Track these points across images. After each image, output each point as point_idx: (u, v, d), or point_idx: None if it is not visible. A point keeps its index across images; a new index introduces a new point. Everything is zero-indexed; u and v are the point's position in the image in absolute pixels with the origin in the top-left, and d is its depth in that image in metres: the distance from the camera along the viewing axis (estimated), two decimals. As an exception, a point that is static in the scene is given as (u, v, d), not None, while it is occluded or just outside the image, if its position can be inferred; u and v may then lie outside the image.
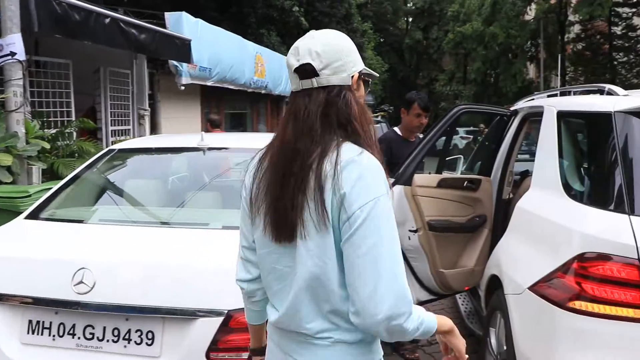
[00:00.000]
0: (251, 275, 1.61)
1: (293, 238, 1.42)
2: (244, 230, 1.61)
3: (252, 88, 13.95)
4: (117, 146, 3.77)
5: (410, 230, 3.82)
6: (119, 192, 3.46)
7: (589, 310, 2.27)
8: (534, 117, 4.17)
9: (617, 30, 31.58)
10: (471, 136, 23.80)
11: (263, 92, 15.05)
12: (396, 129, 4.53)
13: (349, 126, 1.45)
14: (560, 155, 2.92)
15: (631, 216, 2.27)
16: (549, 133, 3.15)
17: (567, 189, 2.74)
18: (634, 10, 30.66)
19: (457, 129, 31.11)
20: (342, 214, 1.36)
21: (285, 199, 1.42)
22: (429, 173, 4.11)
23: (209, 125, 7.54)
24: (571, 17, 31.56)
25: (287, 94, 16.54)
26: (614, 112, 2.57)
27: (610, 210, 2.37)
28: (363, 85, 1.54)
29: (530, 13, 32.11)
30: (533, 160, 3.28)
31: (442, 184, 3.90)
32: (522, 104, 4.51)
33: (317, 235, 1.39)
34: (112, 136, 8.39)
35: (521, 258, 2.90)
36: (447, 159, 5.14)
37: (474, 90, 37.25)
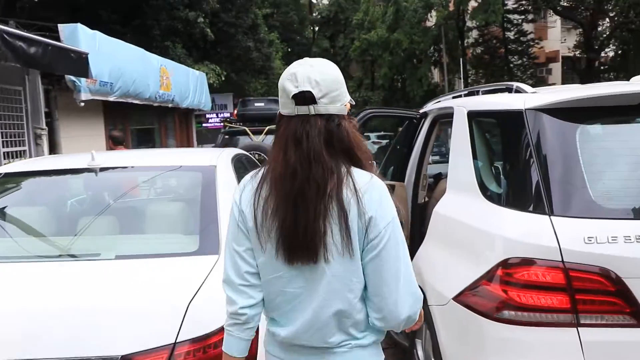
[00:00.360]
0: (254, 300, 1.60)
1: (316, 261, 1.50)
2: (244, 257, 1.60)
3: (159, 102, 13.39)
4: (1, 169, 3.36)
5: None
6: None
7: (517, 319, 2.17)
8: (444, 119, 4.12)
9: (511, 35, 33.41)
10: (383, 141, 24.18)
11: (170, 106, 14.50)
12: None
13: (353, 153, 1.56)
14: (475, 157, 2.85)
15: (552, 217, 2.19)
16: (460, 134, 3.08)
17: (484, 190, 2.66)
18: (522, 17, 32.67)
19: (368, 134, 31.86)
20: (369, 234, 1.50)
21: (303, 225, 1.48)
22: None
23: (112, 142, 7.11)
24: (469, 23, 32.93)
25: (195, 107, 16.11)
26: (525, 109, 2.50)
27: (530, 211, 2.29)
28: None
29: (432, 19, 33.14)
30: (445, 162, 3.21)
31: None
32: (431, 106, 4.47)
33: (343, 258, 1.50)
34: (4, 158, 7.72)
35: (443, 266, 2.79)
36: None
37: (382, 95, 37.94)
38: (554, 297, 2.13)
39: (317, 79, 1.53)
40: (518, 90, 3.07)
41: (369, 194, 1.51)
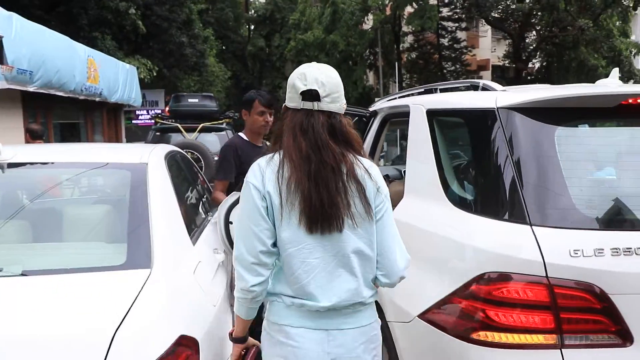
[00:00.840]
0: (263, 277, 1.83)
1: (341, 230, 1.80)
2: (261, 236, 1.81)
3: (85, 95, 12.62)
4: None
5: None
6: None
7: (495, 341, 1.93)
8: (396, 118, 3.88)
9: (445, 42, 34.06)
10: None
11: (97, 99, 13.72)
12: (241, 134, 4.12)
13: (354, 144, 1.89)
14: (438, 159, 2.60)
15: (534, 227, 1.96)
16: (419, 134, 2.84)
17: (451, 196, 2.42)
18: (456, 25, 33.38)
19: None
20: (376, 201, 1.87)
21: (324, 200, 1.77)
22: None
23: (29, 136, 6.52)
24: (405, 28, 33.29)
25: (124, 102, 15.35)
26: (498, 108, 2.28)
27: (507, 220, 2.05)
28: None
29: (368, 22, 33.26)
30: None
31: None
32: (380, 104, 4.22)
33: (365, 222, 1.84)
34: None
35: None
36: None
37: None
38: (536, 316, 1.90)
39: (323, 81, 1.84)
40: (485, 88, 2.85)
41: (373, 170, 1.90)
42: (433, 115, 2.80)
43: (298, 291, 1.83)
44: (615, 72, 2.75)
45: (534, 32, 30.67)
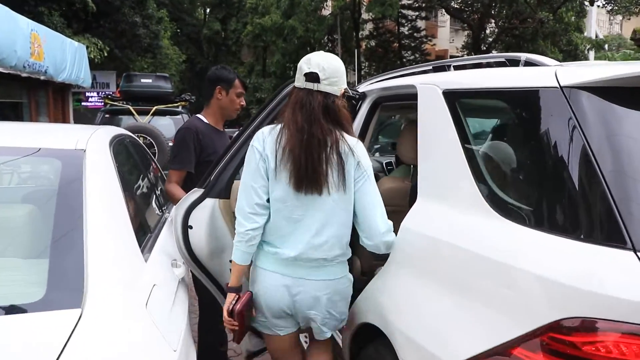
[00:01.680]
0: (258, 224, 2.18)
1: (320, 193, 2.14)
2: (258, 191, 2.17)
3: (28, 72, 11.53)
4: None
5: (231, 262, 2.72)
6: None
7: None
8: (392, 102, 3.29)
9: (405, 30, 33.70)
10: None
11: (42, 78, 12.64)
12: (201, 116, 3.52)
13: (342, 123, 2.23)
14: (469, 153, 2.01)
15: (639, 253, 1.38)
16: (436, 122, 2.25)
17: (495, 202, 1.82)
18: (417, 13, 33.04)
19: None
20: (356, 173, 2.20)
21: (310, 167, 2.11)
22: None
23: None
24: (365, 16, 32.77)
25: (73, 82, 14.24)
26: (563, 87, 1.69)
27: (595, 241, 1.46)
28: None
29: (328, 8, 32.59)
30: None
31: None
32: (369, 86, 3.59)
33: (338, 193, 2.17)
34: None
35: (430, 312, 1.92)
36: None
37: (274, 83, 36.88)
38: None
39: (324, 66, 2.18)
40: (531, 63, 2.25)
41: (357, 147, 2.23)
42: (455, 97, 2.21)
43: (276, 241, 2.23)
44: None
45: (494, 24, 30.62)
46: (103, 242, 1.80)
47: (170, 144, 8.54)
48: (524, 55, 2.34)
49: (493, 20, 30.04)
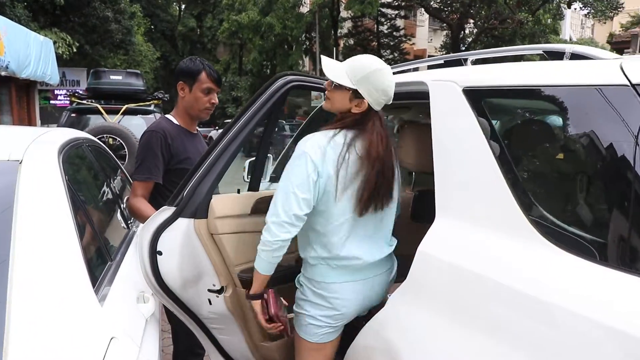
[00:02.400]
0: (290, 234, 1.99)
1: (383, 209, 2.10)
2: (300, 203, 1.96)
3: (-15, 68, 10.94)
4: None
5: (210, 291, 2.27)
6: None
7: None
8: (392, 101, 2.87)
9: (384, 29, 33.49)
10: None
11: (3, 74, 11.99)
12: (170, 116, 2.92)
13: None
14: (504, 165, 1.60)
15: None
16: (459, 126, 1.85)
17: (548, 229, 1.41)
18: (396, 12, 32.87)
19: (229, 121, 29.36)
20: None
21: (383, 185, 2.05)
22: (238, 191, 2.52)
23: None
24: (343, 14, 32.46)
25: (38, 79, 13.61)
26: (634, 84, 1.30)
27: None
28: None
29: (306, 5, 32.17)
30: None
31: (259, 209, 2.39)
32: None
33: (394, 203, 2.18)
34: None
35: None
36: (249, 160, 3.56)
37: (250, 81, 36.38)
38: None
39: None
40: (580, 56, 1.85)
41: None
42: (480, 96, 1.81)
43: (345, 254, 2.07)
44: None
45: (473, 24, 30.57)
46: (36, 287, 1.34)
47: (141, 145, 8.05)
48: (569, 47, 1.93)
49: (472, 20, 29.95)
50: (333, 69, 2.05)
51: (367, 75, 1.98)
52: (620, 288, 1.20)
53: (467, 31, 31.25)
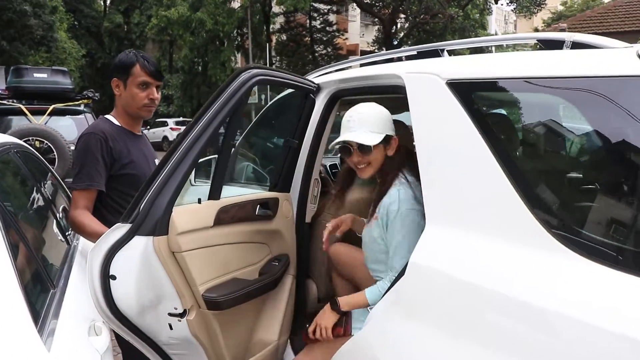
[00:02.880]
0: None
1: None
2: None
3: None
4: None
5: (171, 315, 2.02)
6: None
7: None
8: (358, 96, 2.69)
9: (317, 24, 33.46)
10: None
11: None
12: (110, 117, 2.61)
13: None
14: (507, 164, 1.43)
15: None
16: (446, 123, 1.68)
17: (565, 234, 1.25)
18: (329, 7, 32.90)
19: (164, 119, 28.73)
20: None
21: None
22: (199, 201, 2.24)
23: None
24: (275, 9, 32.17)
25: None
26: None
27: None
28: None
29: (237, 1, 31.68)
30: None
31: (223, 219, 2.15)
32: (323, 77, 2.96)
33: None
34: None
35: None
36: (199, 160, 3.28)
37: (182, 79, 35.51)
38: None
39: None
40: (582, 45, 1.69)
41: None
42: (469, 89, 1.64)
43: None
44: None
45: (404, 19, 30.95)
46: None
47: (72, 147, 7.54)
48: (569, 35, 1.78)
49: (404, 15, 30.29)
50: (364, 139, 2.07)
51: (389, 117, 2.15)
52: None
53: (399, 26, 31.58)
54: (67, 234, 2.72)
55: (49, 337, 1.40)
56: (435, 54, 2.36)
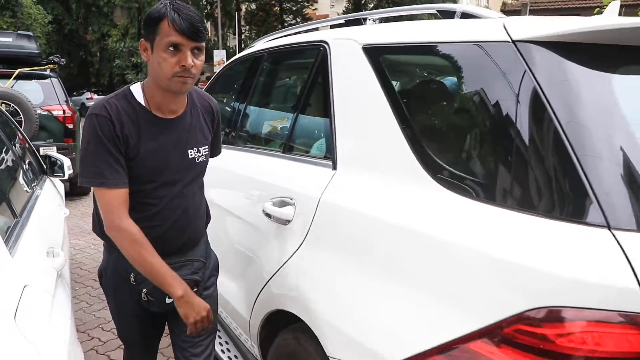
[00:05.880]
0: None
1: None
2: None
3: None
4: None
5: None
6: None
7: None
8: (291, 61, 3.03)
9: (287, -7, 33.43)
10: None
11: None
12: (135, 90, 1.94)
13: None
14: (401, 116, 1.78)
15: (615, 232, 1.21)
16: (358, 82, 2.02)
17: (440, 174, 1.60)
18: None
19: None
20: None
21: None
22: None
23: None
24: (245, -23, 31.98)
25: None
26: (515, 41, 1.50)
27: (565, 219, 1.28)
28: None
29: (206, -31, 31.39)
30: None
31: None
32: (265, 44, 3.28)
33: None
34: None
35: (364, 301, 1.67)
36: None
37: (150, 47, 35.07)
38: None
39: None
40: (470, 15, 2.02)
41: None
42: (379, 53, 1.97)
43: None
44: (615, 4, 2.10)
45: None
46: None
47: (39, 111, 7.70)
48: (459, 6, 2.12)
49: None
50: None
51: None
52: (499, 221, 1.39)
53: (368, -3, 31.75)
54: (32, 184, 3.02)
55: (12, 248, 1.73)
56: (359, 22, 2.68)
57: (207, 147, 2.11)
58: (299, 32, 3.20)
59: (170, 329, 2.27)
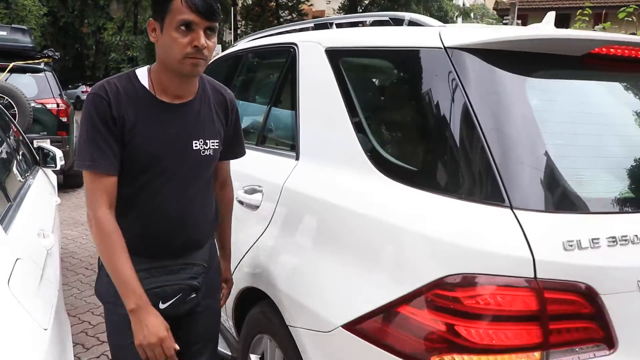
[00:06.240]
0: None
1: None
2: None
3: None
4: None
5: None
6: None
7: (466, 366, 1.41)
8: (268, 60, 3.24)
9: (283, -12, 33.51)
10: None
11: None
12: (141, 73, 1.84)
13: None
14: (352, 112, 2.00)
15: (516, 210, 1.44)
16: (319, 81, 2.25)
17: (380, 162, 1.82)
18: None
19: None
20: None
21: None
22: None
23: None
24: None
25: None
26: (447, 47, 1.72)
27: (476, 200, 1.51)
28: None
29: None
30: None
31: None
32: (246, 43, 3.50)
33: None
34: None
35: (312, 272, 1.91)
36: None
37: (146, 40, 35.12)
38: (520, 330, 1.40)
39: None
40: (415, 23, 2.24)
41: None
42: (338, 55, 2.20)
43: None
44: (551, 15, 2.32)
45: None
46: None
47: (33, 104, 7.89)
48: (407, 15, 2.35)
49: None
50: None
51: None
52: (423, 203, 1.62)
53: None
54: (25, 174, 3.22)
55: (7, 228, 1.94)
56: (325, 26, 2.89)
57: (216, 141, 1.91)
58: (275, 34, 3.41)
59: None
